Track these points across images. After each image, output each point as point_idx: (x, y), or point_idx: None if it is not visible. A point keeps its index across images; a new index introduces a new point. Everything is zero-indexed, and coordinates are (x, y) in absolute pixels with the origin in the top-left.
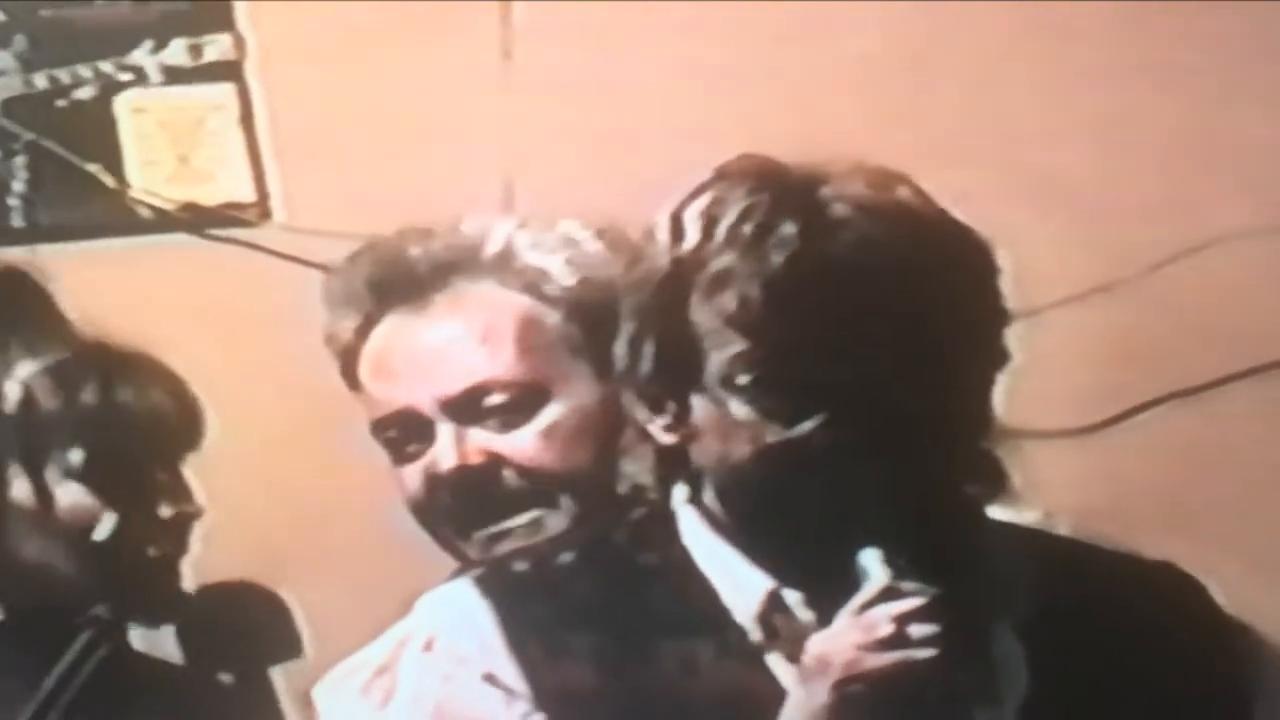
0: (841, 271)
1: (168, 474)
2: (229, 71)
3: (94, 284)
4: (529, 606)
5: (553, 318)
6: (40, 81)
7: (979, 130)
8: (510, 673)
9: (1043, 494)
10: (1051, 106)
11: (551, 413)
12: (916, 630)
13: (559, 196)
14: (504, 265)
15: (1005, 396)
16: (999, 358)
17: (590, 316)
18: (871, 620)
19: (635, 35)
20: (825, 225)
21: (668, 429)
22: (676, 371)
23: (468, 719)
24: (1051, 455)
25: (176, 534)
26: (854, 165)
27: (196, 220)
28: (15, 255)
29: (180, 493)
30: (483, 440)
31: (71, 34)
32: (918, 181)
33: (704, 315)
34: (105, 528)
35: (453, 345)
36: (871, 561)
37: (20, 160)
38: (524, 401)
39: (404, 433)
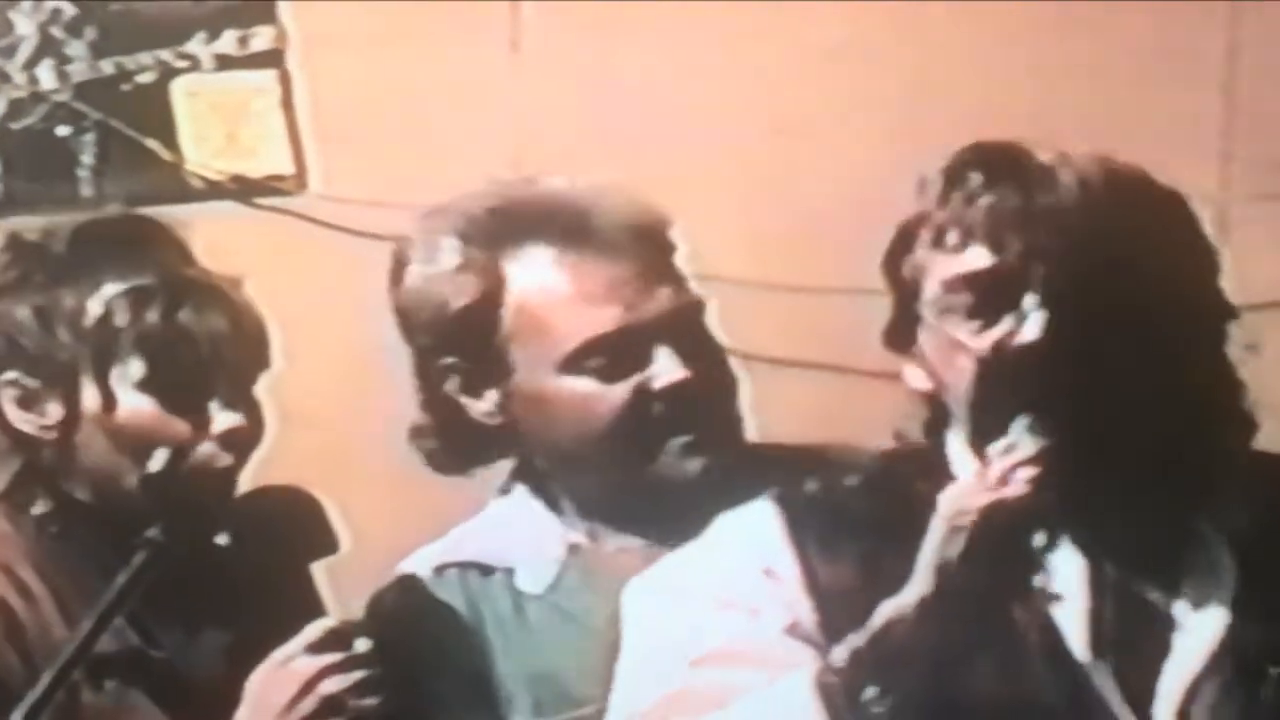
0: (1060, 215)
1: (229, 391)
2: (272, 60)
3: None
4: (813, 517)
5: None
6: (107, 67)
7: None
8: (787, 568)
9: None
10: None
11: None
12: (1021, 473)
13: (560, 173)
14: None
15: None
16: (1221, 311)
17: None
18: (989, 467)
19: (631, 30)
20: (1041, 183)
21: (925, 379)
22: (907, 319)
23: (746, 606)
24: None
25: (235, 446)
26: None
27: (243, 190)
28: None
29: (240, 408)
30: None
31: (135, 25)
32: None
33: (931, 258)
34: (159, 459)
35: None
36: (1017, 426)
37: (89, 137)
38: None
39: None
